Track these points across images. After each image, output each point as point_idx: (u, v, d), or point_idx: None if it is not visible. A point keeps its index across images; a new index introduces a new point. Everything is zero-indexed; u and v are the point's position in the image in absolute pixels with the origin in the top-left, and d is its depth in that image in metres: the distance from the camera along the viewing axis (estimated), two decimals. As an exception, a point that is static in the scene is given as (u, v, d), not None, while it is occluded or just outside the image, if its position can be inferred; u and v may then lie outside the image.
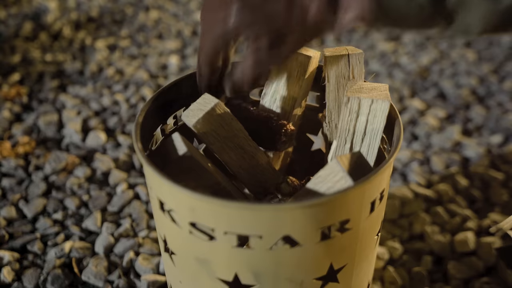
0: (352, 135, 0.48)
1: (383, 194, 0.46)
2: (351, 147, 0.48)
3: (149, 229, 0.73)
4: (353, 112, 0.47)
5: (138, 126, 0.47)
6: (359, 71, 0.51)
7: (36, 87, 1.04)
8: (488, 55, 1.15)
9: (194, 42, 1.22)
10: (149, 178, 0.46)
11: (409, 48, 1.19)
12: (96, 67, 1.11)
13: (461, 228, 0.72)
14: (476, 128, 0.93)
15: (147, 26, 1.30)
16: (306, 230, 0.41)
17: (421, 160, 0.85)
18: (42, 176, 0.82)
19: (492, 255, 0.68)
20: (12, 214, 0.75)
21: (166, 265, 0.53)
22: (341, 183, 0.42)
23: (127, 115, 0.96)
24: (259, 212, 0.40)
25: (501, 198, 0.78)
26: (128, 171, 0.83)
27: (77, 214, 0.75)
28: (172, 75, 1.09)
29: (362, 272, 0.50)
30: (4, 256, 0.67)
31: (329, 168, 0.43)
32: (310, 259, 0.43)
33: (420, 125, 0.93)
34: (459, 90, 1.03)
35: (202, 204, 0.41)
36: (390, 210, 0.74)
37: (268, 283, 0.44)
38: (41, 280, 0.65)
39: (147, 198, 0.77)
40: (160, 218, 0.47)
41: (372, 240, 0.48)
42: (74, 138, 0.90)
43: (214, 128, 0.48)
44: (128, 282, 0.65)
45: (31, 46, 1.19)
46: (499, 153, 0.87)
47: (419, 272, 0.66)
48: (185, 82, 0.54)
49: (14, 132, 0.91)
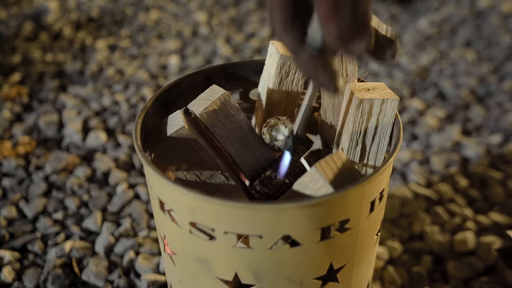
0: (364, 137, 0.48)
1: (382, 194, 0.46)
2: (362, 148, 0.49)
3: (149, 229, 0.73)
4: (364, 113, 0.47)
5: (138, 126, 0.47)
6: (352, 70, 0.52)
7: (36, 87, 1.04)
8: (488, 55, 1.15)
9: (194, 42, 1.23)
10: (149, 178, 0.47)
11: (408, 48, 1.19)
12: (96, 67, 1.11)
13: (460, 228, 0.73)
14: (475, 128, 0.94)
15: (147, 26, 1.30)
16: (306, 230, 0.41)
17: (420, 160, 0.85)
18: (42, 176, 0.82)
19: (491, 255, 0.68)
20: (13, 214, 0.75)
21: (166, 264, 0.53)
22: (323, 190, 0.42)
23: (127, 115, 0.96)
24: (259, 212, 0.40)
25: (501, 197, 0.78)
26: (128, 171, 0.83)
27: (77, 214, 0.75)
28: (172, 75, 1.09)
29: (362, 272, 0.50)
30: (4, 255, 0.67)
31: (309, 176, 0.43)
32: (310, 259, 0.43)
33: (420, 125, 0.93)
34: (459, 90, 1.03)
35: (202, 204, 0.41)
36: (390, 210, 0.74)
37: (268, 282, 0.44)
38: (42, 279, 0.65)
39: (147, 198, 0.77)
40: (160, 218, 0.47)
41: (372, 240, 0.49)
42: (74, 138, 0.90)
43: (220, 118, 0.49)
44: (128, 282, 0.65)
45: (31, 46, 1.19)
46: (499, 153, 0.87)
47: (418, 272, 0.66)
48: (185, 82, 0.54)
49: (15, 132, 0.91)
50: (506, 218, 0.74)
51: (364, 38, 0.35)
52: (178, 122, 0.48)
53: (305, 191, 0.43)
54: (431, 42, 1.21)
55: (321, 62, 0.39)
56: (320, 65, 0.39)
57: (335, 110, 0.54)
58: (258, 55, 1.17)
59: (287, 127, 0.52)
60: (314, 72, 0.40)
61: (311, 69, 0.40)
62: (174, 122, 0.48)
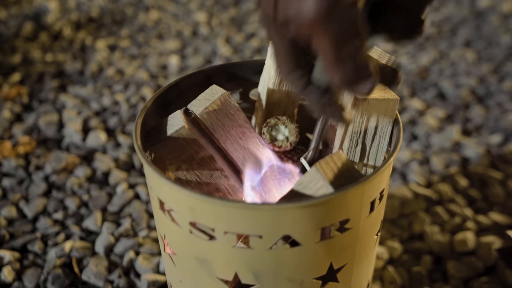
0: (364, 137, 0.48)
1: (382, 194, 0.46)
2: (362, 148, 0.49)
3: (149, 229, 0.73)
4: (364, 113, 0.47)
5: (138, 126, 0.47)
6: None
7: (36, 87, 1.04)
8: (488, 55, 1.15)
9: (194, 42, 1.23)
10: (149, 178, 0.47)
11: (408, 48, 1.19)
12: (96, 67, 1.11)
13: (460, 228, 0.73)
14: (475, 128, 0.94)
15: (147, 26, 1.30)
16: (306, 230, 0.41)
17: (420, 160, 0.85)
18: (42, 176, 0.82)
19: (491, 255, 0.68)
20: (13, 214, 0.75)
21: (166, 264, 0.53)
22: (323, 190, 0.42)
23: (127, 115, 0.96)
24: (259, 212, 0.40)
25: (501, 197, 0.78)
26: (128, 171, 0.83)
27: (77, 214, 0.75)
28: (172, 75, 1.09)
29: (362, 272, 0.50)
30: (4, 255, 0.67)
31: (309, 176, 0.43)
32: (310, 259, 0.43)
33: (420, 125, 0.93)
34: (459, 90, 1.03)
35: (202, 204, 0.41)
36: (390, 210, 0.74)
37: (268, 282, 0.44)
38: (42, 279, 0.65)
39: (147, 198, 0.77)
40: (160, 218, 0.47)
41: (372, 240, 0.49)
42: (74, 138, 0.90)
43: (220, 118, 0.49)
44: (128, 282, 0.65)
45: (31, 46, 1.19)
46: (499, 153, 0.87)
47: (418, 272, 0.66)
48: (185, 82, 0.54)
49: (15, 132, 0.91)
50: (506, 218, 0.74)
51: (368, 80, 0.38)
52: (178, 122, 0.48)
53: (305, 191, 0.43)
54: (431, 42, 1.21)
55: (328, 99, 0.41)
56: (328, 102, 0.41)
57: None
58: (258, 55, 1.17)
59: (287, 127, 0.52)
60: (322, 108, 0.42)
61: (319, 106, 0.42)
62: (174, 122, 0.48)
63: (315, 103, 0.42)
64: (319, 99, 0.41)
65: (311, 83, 0.41)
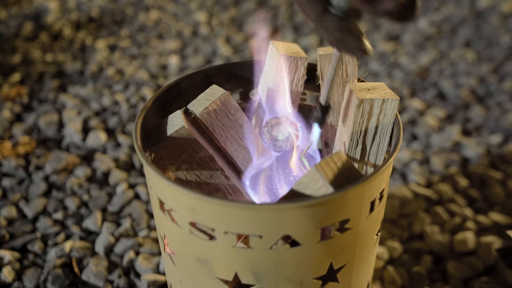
0: (364, 137, 0.48)
1: (382, 194, 0.46)
2: (362, 148, 0.49)
3: (149, 229, 0.73)
4: (365, 113, 0.47)
5: (138, 126, 0.47)
6: (352, 70, 0.52)
7: (36, 87, 1.04)
8: (488, 55, 1.15)
9: (194, 42, 1.23)
10: (149, 178, 0.47)
11: (408, 48, 1.19)
12: (96, 67, 1.11)
13: (460, 228, 0.73)
14: (475, 128, 0.94)
15: (147, 26, 1.30)
16: (306, 230, 0.41)
17: (420, 160, 0.85)
18: (42, 176, 0.82)
19: (491, 255, 0.68)
20: (13, 214, 0.75)
21: (166, 264, 0.53)
22: (323, 190, 0.42)
23: (127, 115, 0.96)
24: (259, 212, 0.40)
25: (501, 197, 0.78)
26: (128, 171, 0.83)
27: (77, 214, 0.75)
28: (172, 75, 1.09)
29: (362, 272, 0.50)
30: (4, 255, 0.67)
31: (309, 176, 0.43)
32: (310, 259, 0.43)
33: (420, 125, 0.93)
34: (459, 90, 1.03)
35: (202, 204, 0.41)
36: (390, 210, 0.74)
37: (268, 282, 0.44)
38: (42, 279, 0.65)
39: (147, 198, 0.77)
40: (160, 218, 0.47)
41: (372, 240, 0.49)
42: (74, 138, 0.90)
43: (220, 118, 0.49)
44: (128, 282, 0.65)
45: (31, 46, 1.19)
46: (499, 153, 0.87)
47: (418, 272, 0.66)
48: (185, 82, 0.54)
49: (15, 132, 0.91)
50: (506, 218, 0.74)
51: None
52: (178, 122, 0.48)
53: (305, 191, 0.43)
54: (431, 42, 1.21)
55: (347, 26, 0.38)
56: (346, 29, 0.38)
57: (335, 110, 0.54)
58: (258, 55, 1.17)
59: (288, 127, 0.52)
60: (340, 37, 0.39)
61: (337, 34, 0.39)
62: (174, 122, 0.48)
63: (333, 31, 0.39)
64: (338, 26, 0.38)
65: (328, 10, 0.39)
